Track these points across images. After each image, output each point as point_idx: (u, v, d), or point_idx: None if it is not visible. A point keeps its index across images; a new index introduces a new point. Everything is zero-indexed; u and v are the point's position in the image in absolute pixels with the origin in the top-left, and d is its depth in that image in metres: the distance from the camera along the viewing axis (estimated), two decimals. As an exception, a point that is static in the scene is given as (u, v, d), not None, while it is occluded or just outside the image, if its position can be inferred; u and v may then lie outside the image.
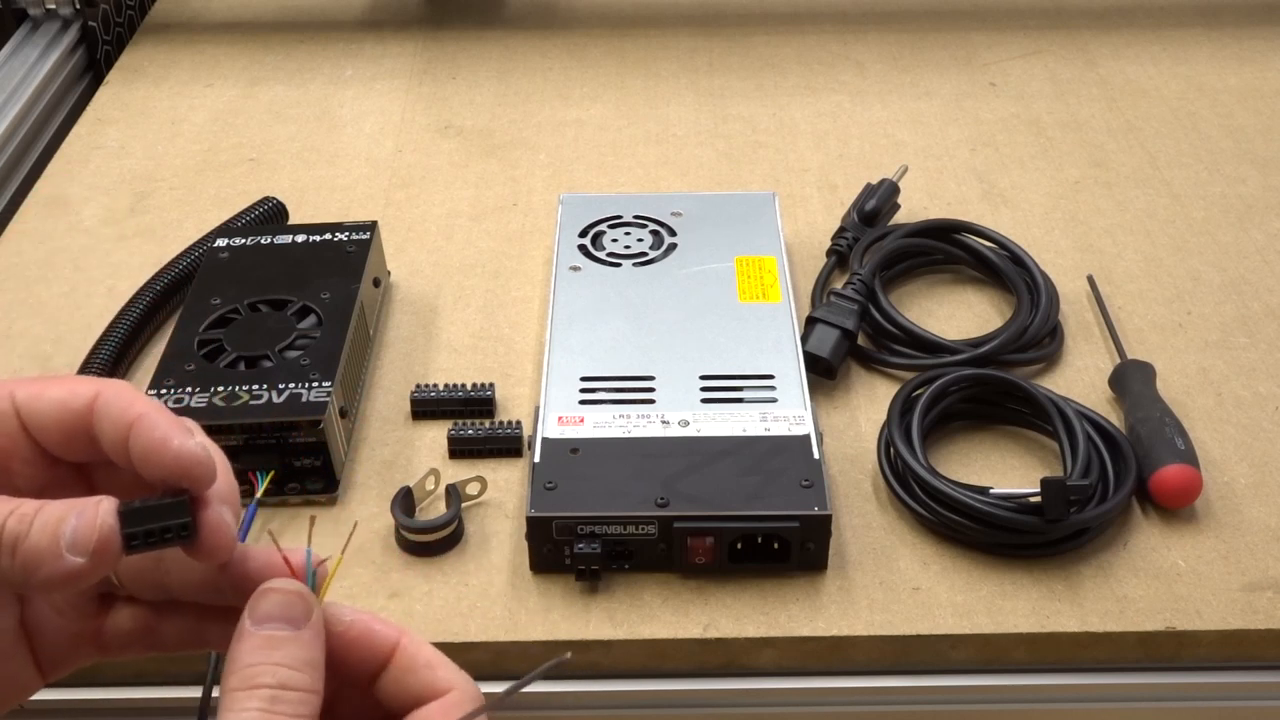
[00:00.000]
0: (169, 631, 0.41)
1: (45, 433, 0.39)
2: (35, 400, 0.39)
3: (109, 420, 0.38)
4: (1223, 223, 0.87)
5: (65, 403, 0.38)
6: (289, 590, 0.37)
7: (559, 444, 0.64)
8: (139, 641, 0.41)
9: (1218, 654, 0.61)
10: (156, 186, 0.92)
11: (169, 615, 0.41)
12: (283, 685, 0.35)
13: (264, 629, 0.36)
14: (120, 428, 0.37)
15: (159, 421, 0.37)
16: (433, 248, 0.86)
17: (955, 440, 0.69)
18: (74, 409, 0.38)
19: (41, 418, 0.39)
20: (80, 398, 0.38)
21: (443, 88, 1.04)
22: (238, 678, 0.36)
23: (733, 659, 0.60)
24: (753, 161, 0.94)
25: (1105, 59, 1.07)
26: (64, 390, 0.39)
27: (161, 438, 0.37)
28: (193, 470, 0.37)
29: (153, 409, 0.38)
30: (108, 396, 0.38)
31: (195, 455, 0.37)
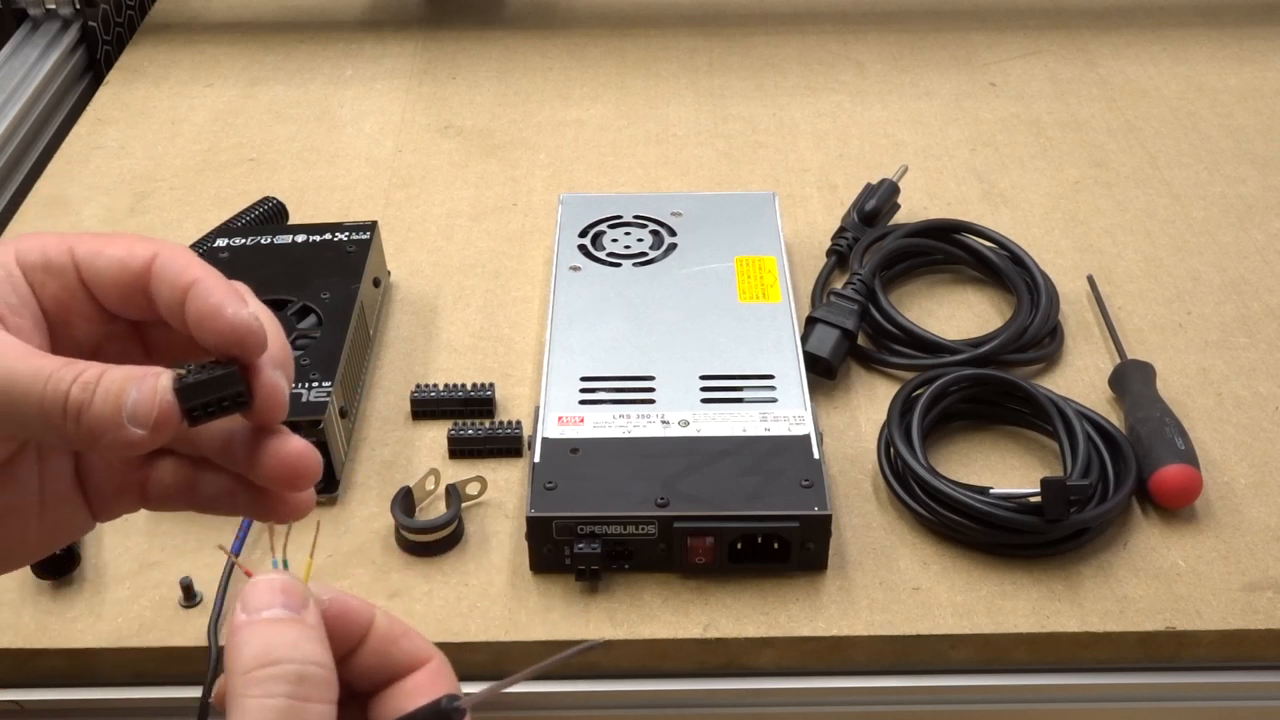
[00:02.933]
0: (206, 489, 0.41)
1: (103, 290, 0.39)
2: (95, 257, 0.39)
3: (165, 283, 0.38)
4: (1223, 223, 0.87)
5: (123, 261, 0.38)
6: (281, 577, 0.37)
7: (559, 444, 0.64)
8: (179, 496, 0.42)
9: (1218, 654, 0.61)
10: (156, 186, 0.92)
11: (206, 473, 0.41)
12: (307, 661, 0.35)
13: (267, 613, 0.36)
14: (176, 291, 0.38)
15: (214, 288, 0.38)
16: (433, 248, 0.86)
17: (955, 440, 0.69)
18: (132, 269, 0.38)
19: (100, 275, 0.39)
20: (138, 258, 0.38)
21: (443, 88, 1.04)
22: (252, 658, 0.35)
23: (733, 659, 0.60)
24: (753, 161, 0.94)
25: (1105, 59, 1.07)
26: (122, 249, 0.39)
27: (216, 304, 0.37)
28: (245, 340, 0.37)
29: (208, 274, 0.38)
30: (165, 258, 0.38)
31: (248, 324, 0.37)
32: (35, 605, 0.61)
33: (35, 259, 0.39)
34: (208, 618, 0.60)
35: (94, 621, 0.60)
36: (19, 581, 0.62)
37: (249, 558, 0.63)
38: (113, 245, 0.39)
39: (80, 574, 0.62)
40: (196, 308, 0.37)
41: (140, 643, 0.59)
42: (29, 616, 0.61)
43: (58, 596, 0.61)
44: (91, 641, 0.60)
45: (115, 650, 0.59)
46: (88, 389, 0.36)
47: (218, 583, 0.61)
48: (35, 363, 0.37)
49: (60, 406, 0.36)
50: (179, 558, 0.63)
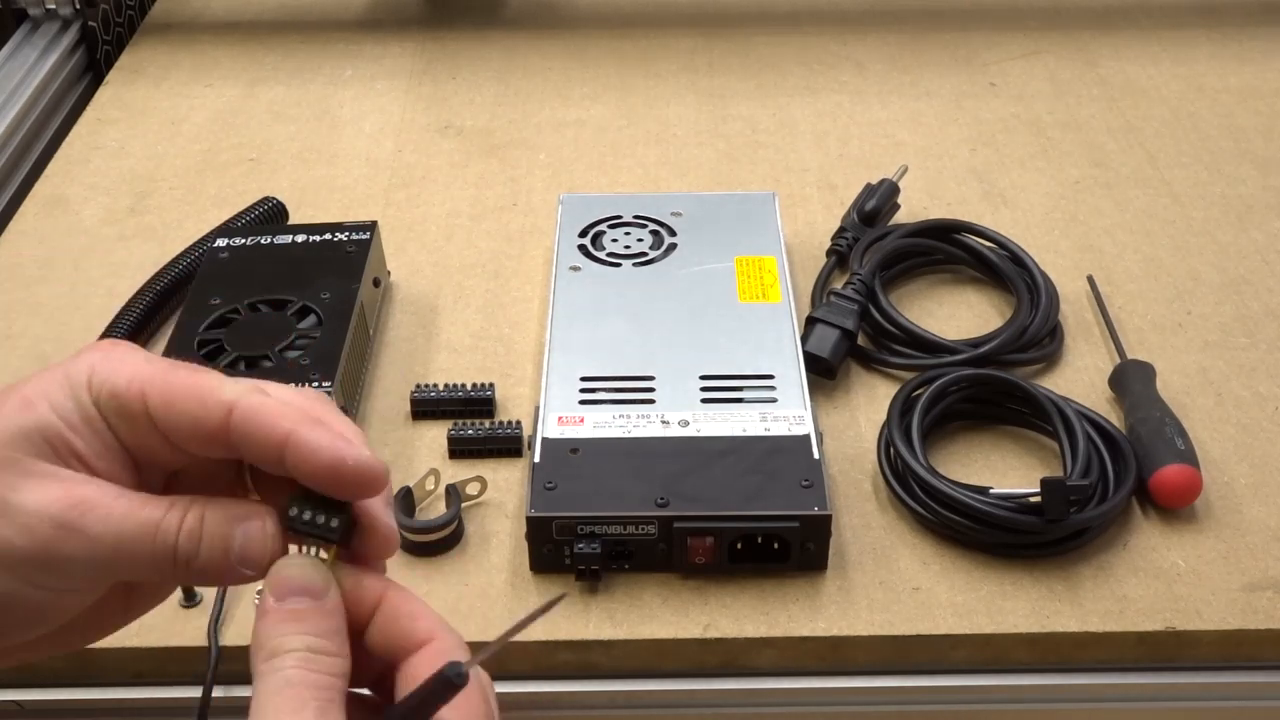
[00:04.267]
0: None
1: (179, 440, 0.39)
2: (167, 409, 0.38)
3: (252, 438, 0.38)
4: (1223, 223, 0.87)
5: (197, 419, 0.38)
6: (304, 563, 0.38)
7: (559, 444, 0.64)
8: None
9: (1218, 654, 0.61)
10: (156, 186, 0.92)
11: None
12: (310, 650, 0.36)
13: (287, 603, 0.37)
14: (267, 447, 0.37)
15: (318, 440, 0.37)
16: (433, 248, 0.86)
17: (955, 440, 0.69)
18: (207, 427, 0.38)
19: (174, 428, 0.38)
20: (212, 416, 0.38)
21: (443, 88, 1.04)
22: (266, 650, 0.36)
23: (733, 659, 0.60)
24: (753, 161, 0.94)
25: (1105, 59, 1.07)
26: (194, 403, 0.38)
27: (331, 456, 0.37)
28: (371, 485, 0.38)
29: (299, 420, 0.37)
30: (245, 413, 0.37)
31: (373, 470, 0.37)
32: (35, 605, 0.61)
33: (109, 401, 0.38)
34: (208, 618, 0.60)
35: (94, 621, 0.60)
36: (19, 581, 0.62)
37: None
38: (185, 397, 0.38)
39: (80, 574, 0.62)
40: (305, 460, 0.37)
41: (140, 643, 0.59)
42: (29, 616, 0.61)
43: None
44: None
45: (115, 650, 0.59)
46: (193, 539, 0.37)
47: (218, 583, 0.61)
48: (140, 516, 0.37)
49: (170, 558, 0.37)
50: (179, 558, 0.63)
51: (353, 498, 0.38)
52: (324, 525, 0.38)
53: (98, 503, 0.37)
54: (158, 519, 0.37)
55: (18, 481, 0.37)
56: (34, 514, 0.37)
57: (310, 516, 0.38)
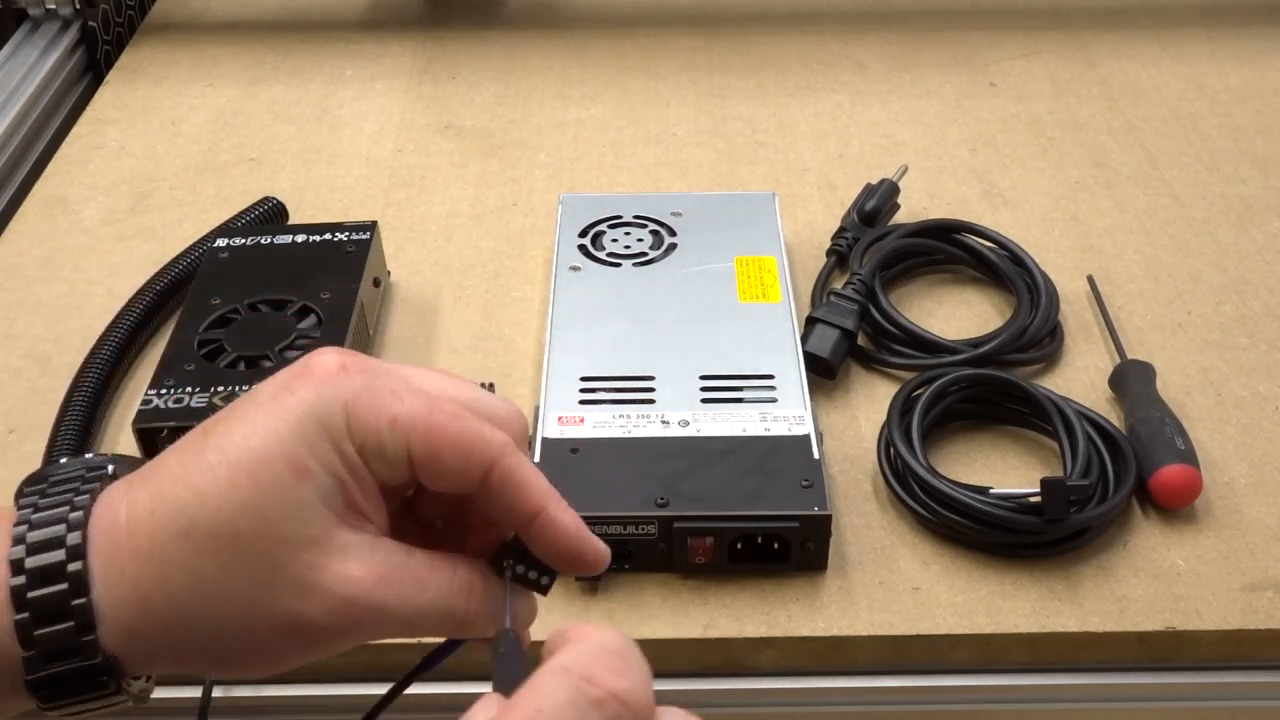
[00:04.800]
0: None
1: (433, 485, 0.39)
2: (431, 461, 0.38)
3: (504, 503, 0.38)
4: (1223, 223, 0.87)
5: (461, 474, 0.38)
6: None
7: (559, 444, 0.64)
8: None
9: (1217, 654, 0.61)
10: (156, 187, 0.92)
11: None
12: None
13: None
14: (517, 513, 0.38)
15: (568, 526, 0.39)
16: (433, 248, 0.86)
17: (955, 440, 0.69)
18: (468, 483, 0.38)
19: (433, 479, 0.38)
20: (475, 472, 0.38)
21: (442, 88, 1.04)
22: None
23: (733, 659, 0.60)
24: (753, 161, 0.94)
25: (1105, 59, 1.07)
26: (460, 458, 0.38)
27: (575, 546, 0.39)
28: (595, 569, 0.40)
29: (550, 499, 0.39)
30: (504, 475, 0.38)
31: (604, 561, 0.40)
32: (35, 605, 0.61)
33: (373, 449, 0.37)
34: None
35: (94, 621, 0.60)
36: (19, 581, 0.62)
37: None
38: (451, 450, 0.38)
39: (80, 574, 0.62)
40: (550, 539, 0.39)
41: (140, 643, 0.59)
42: (29, 616, 0.60)
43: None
44: (91, 641, 0.60)
45: (115, 650, 0.59)
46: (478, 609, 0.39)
47: (218, 583, 0.61)
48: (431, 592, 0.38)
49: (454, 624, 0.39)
50: (179, 558, 0.63)
51: (571, 571, 0.40)
52: (536, 581, 0.40)
53: (395, 579, 0.37)
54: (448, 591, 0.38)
55: (322, 561, 0.37)
56: (344, 598, 0.36)
57: (524, 571, 0.40)
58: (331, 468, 0.37)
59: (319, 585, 0.36)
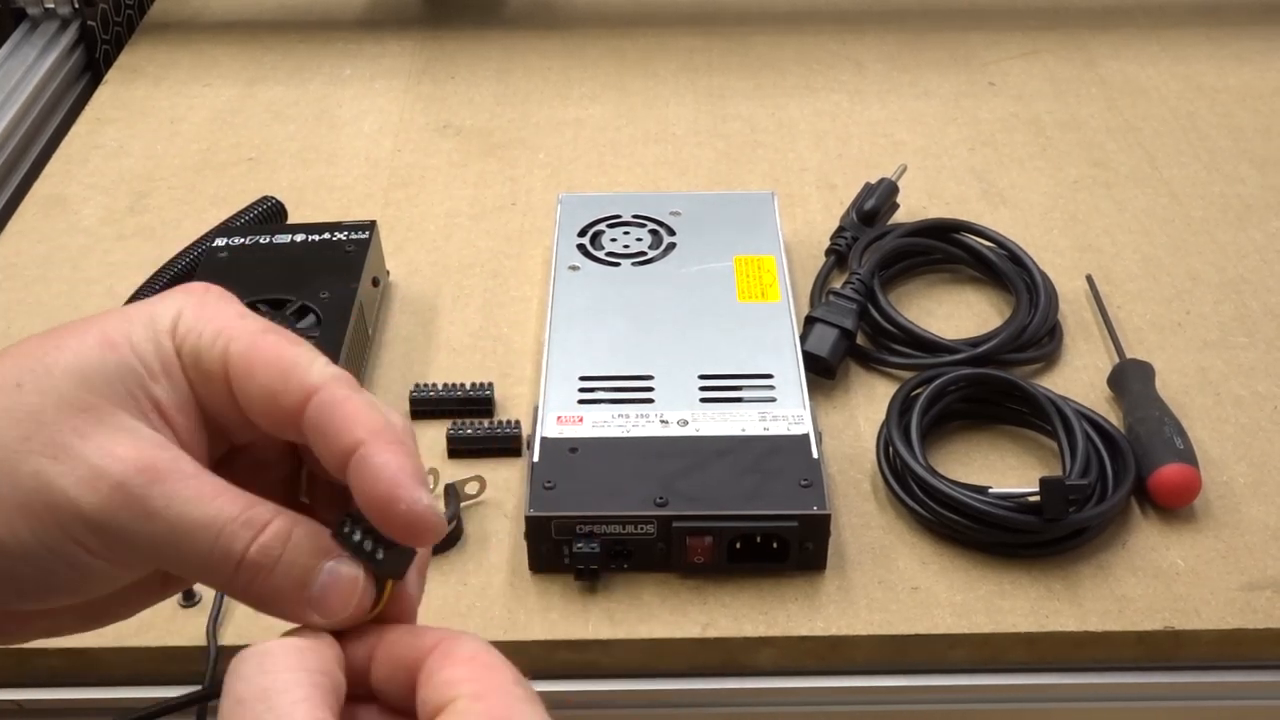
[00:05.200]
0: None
1: (254, 414, 0.35)
2: (246, 377, 0.34)
3: (322, 434, 0.34)
4: (1222, 222, 0.87)
5: (276, 397, 0.34)
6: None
7: (558, 443, 0.64)
8: None
9: (1216, 653, 0.61)
10: (155, 186, 0.92)
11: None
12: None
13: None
14: (335, 449, 0.33)
15: (388, 465, 0.33)
16: (432, 247, 0.86)
17: (954, 440, 0.69)
18: (284, 407, 0.34)
19: (250, 401, 0.35)
20: (292, 395, 0.34)
21: (442, 87, 1.04)
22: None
23: (731, 658, 0.60)
24: (752, 161, 0.94)
25: (1105, 59, 1.07)
26: (276, 377, 0.34)
27: (387, 489, 0.33)
28: (416, 535, 0.33)
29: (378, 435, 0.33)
30: (325, 402, 0.34)
31: (423, 521, 0.33)
32: (34, 605, 0.61)
33: (190, 353, 0.35)
34: (207, 617, 0.60)
35: (93, 621, 0.60)
36: (18, 581, 0.62)
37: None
38: (267, 368, 0.34)
39: (79, 574, 0.62)
40: (363, 479, 0.33)
41: (139, 642, 0.59)
42: (28, 616, 0.61)
43: (56, 596, 0.61)
44: (90, 641, 0.59)
45: (114, 650, 0.59)
46: (268, 555, 0.33)
47: (216, 582, 0.61)
48: (209, 506, 0.33)
49: (229, 565, 0.33)
50: (178, 557, 0.63)
51: (395, 538, 0.33)
52: (370, 553, 0.33)
53: (167, 474, 0.33)
54: (230, 516, 0.33)
55: (89, 429, 0.33)
56: (97, 469, 0.33)
57: (360, 539, 0.33)
58: (142, 353, 0.35)
59: (75, 449, 0.33)
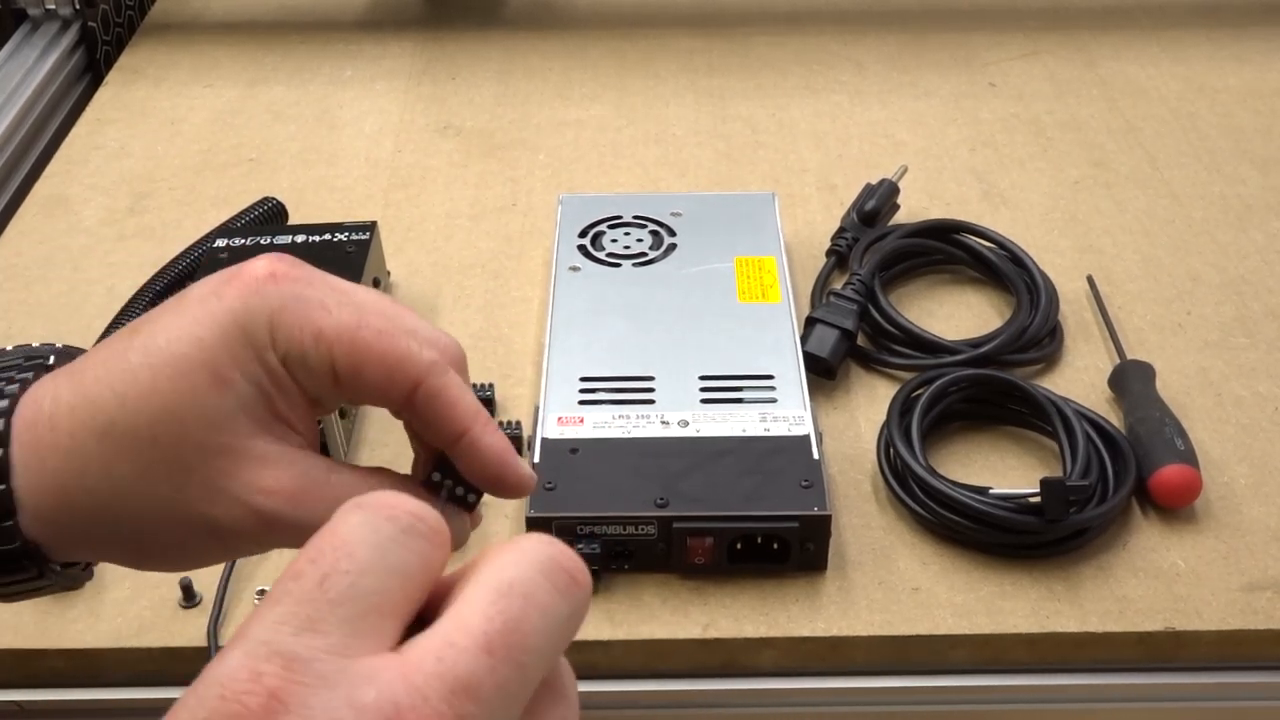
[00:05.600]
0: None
1: (360, 401, 0.39)
2: (354, 376, 0.37)
3: (429, 422, 0.38)
4: (1222, 223, 0.87)
5: (384, 391, 0.37)
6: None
7: (558, 444, 0.64)
8: None
9: (1217, 654, 0.61)
10: (156, 187, 0.92)
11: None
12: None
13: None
14: (443, 433, 0.38)
15: (493, 448, 0.39)
16: (432, 248, 0.86)
17: (955, 440, 0.69)
18: (392, 399, 0.38)
19: (357, 394, 0.38)
20: (399, 390, 0.37)
21: (442, 88, 1.04)
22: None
23: (732, 659, 0.60)
24: (752, 161, 0.94)
25: (1105, 59, 1.07)
26: (383, 375, 0.37)
27: (498, 468, 0.39)
28: (520, 492, 0.40)
29: (476, 420, 0.38)
30: (430, 395, 0.37)
31: (529, 485, 0.40)
32: (35, 606, 0.61)
33: (296, 361, 0.37)
34: (207, 618, 0.60)
35: (94, 622, 0.60)
36: (19, 582, 0.62)
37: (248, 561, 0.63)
38: (375, 366, 0.37)
39: (80, 574, 0.62)
40: (474, 459, 0.39)
41: (140, 643, 0.59)
42: (29, 617, 0.61)
43: (57, 597, 0.61)
44: (91, 642, 0.60)
45: (115, 650, 0.59)
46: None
47: (217, 583, 0.61)
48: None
49: None
50: (179, 558, 0.63)
51: (501, 496, 0.40)
52: (463, 499, 0.40)
53: (310, 493, 0.37)
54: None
55: (234, 469, 0.36)
56: (252, 507, 0.36)
57: (453, 488, 0.40)
58: (253, 377, 0.37)
59: (229, 492, 0.36)
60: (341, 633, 0.26)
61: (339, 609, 0.26)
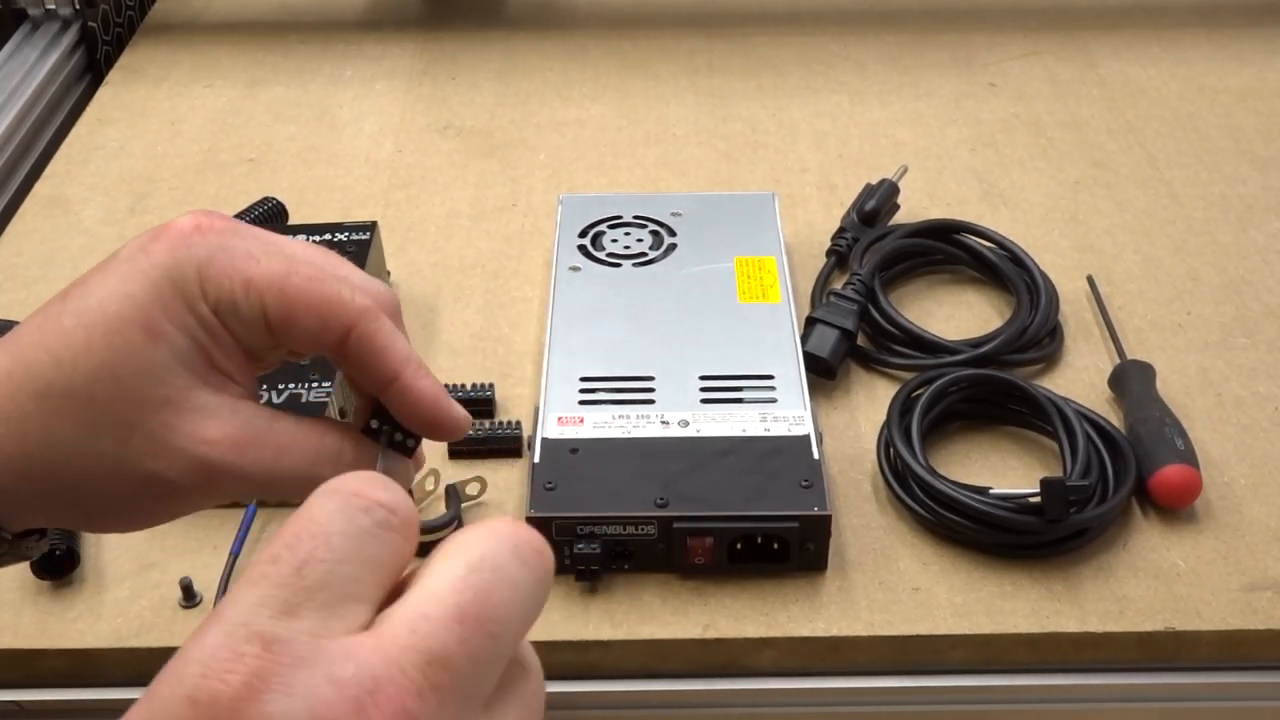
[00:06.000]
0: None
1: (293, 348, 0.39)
2: (286, 323, 0.38)
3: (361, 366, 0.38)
4: (1222, 223, 0.87)
5: (317, 337, 0.38)
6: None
7: (558, 444, 0.64)
8: None
9: (1217, 654, 0.61)
10: (156, 187, 0.92)
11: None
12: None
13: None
14: (374, 377, 0.39)
15: (425, 391, 0.39)
16: (432, 248, 0.86)
17: (955, 440, 0.69)
18: (324, 344, 0.38)
19: (289, 340, 0.38)
20: (332, 335, 0.38)
21: (442, 88, 1.04)
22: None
23: (732, 659, 0.60)
24: (752, 162, 0.94)
25: (1105, 59, 1.07)
26: (315, 321, 0.38)
27: (431, 408, 0.39)
28: (454, 435, 0.40)
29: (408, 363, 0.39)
30: (361, 339, 0.38)
31: (463, 425, 0.40)
32: (35, 606, 0.61)
33: (227, 309, 0.37)
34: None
35: (94, 622, 0.60)
36: (19, 582, 0.62)
37: (249, 559, 0.63)
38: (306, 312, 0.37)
39: (80, 574, 0.62)
40: (406, 403, 0.39)
41: (140, 643, 0.59)
42: (29, 617, 0.61)
43: (57, 597, 0.62)
44: (91, 642, 0.60)
45: (115, 650, 0.59)
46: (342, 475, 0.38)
47: (217, 583, 0.61)
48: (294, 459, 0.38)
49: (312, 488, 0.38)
50: (178, 558, 0.63)
51: (434, 439, 0.40)
52: (402, 444, 0.40)
53: (252, 440, 0.38)
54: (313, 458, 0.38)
55: (175, 421, 0.37)
56: (195, 457, 0.37)
57: (391, 433, 0.40)
58: (187, 329, 0.37)
59: (172, 444, 0.37)
60: (318, 617, 0.27)
61: (316, 595, 0.27)
